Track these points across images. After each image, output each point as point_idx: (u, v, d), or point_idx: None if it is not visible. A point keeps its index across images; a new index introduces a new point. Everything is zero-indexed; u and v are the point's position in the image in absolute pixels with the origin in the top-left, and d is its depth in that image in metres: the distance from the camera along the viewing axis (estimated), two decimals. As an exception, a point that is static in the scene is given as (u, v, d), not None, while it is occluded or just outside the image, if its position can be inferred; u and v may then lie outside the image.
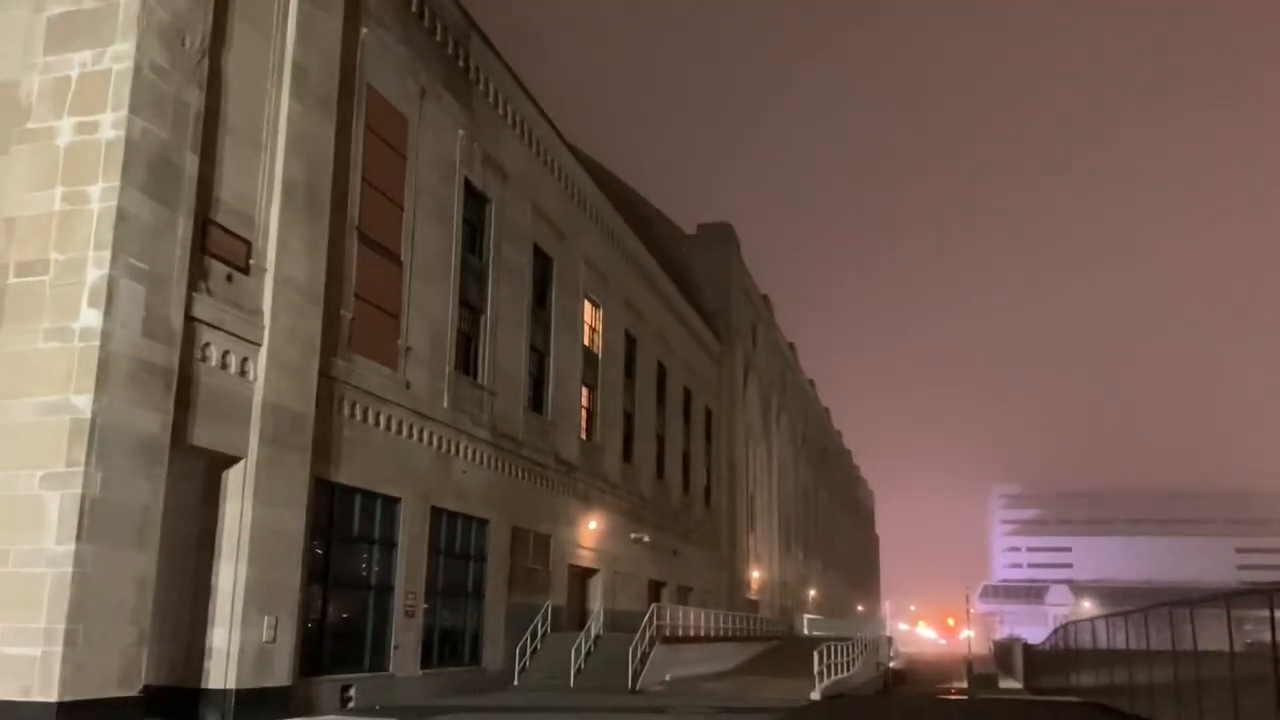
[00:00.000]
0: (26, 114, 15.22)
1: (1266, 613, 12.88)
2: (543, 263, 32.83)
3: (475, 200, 27.88)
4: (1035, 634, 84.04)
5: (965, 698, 38.23)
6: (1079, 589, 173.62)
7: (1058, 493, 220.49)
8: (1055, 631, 45.79)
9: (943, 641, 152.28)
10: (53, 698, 13.11)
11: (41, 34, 15.41)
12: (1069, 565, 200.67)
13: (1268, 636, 12.90)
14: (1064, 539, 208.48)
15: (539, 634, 29.44)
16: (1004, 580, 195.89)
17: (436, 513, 24.63)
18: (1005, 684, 53.52)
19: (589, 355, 37.20)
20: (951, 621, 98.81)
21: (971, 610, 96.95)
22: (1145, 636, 21.32)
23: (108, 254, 14.33)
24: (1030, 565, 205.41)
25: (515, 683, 27.86)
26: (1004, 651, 69.84)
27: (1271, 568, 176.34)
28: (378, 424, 22.12)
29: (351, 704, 20.51)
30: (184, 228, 15.66)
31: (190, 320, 15.89)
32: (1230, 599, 15.43)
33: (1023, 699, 38.08)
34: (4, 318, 14.57)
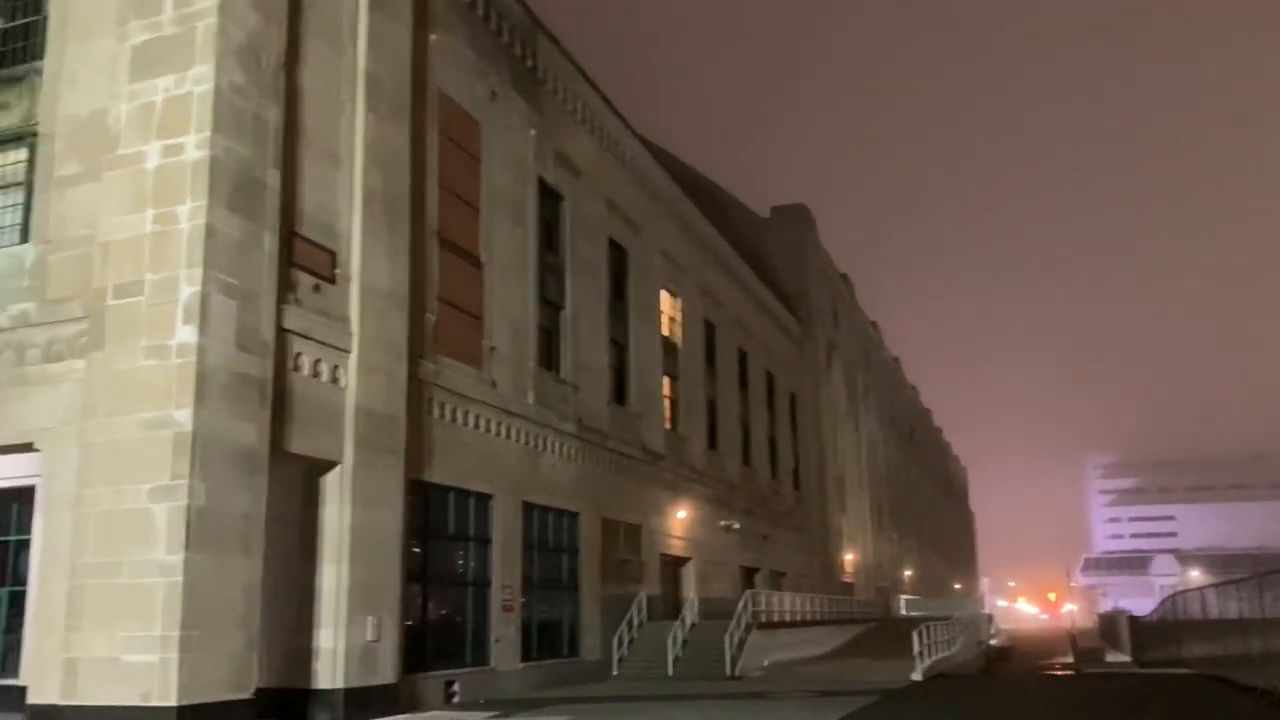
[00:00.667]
0: (116, 141, 15.74)
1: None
2: (619, 255, 32.95)
3: (549, 198, 28.10)
4: (1141, 606, 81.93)
5: (1072, 673, 37.49)
6: (1185, 558, 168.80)
7: (1157, 460, 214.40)
8: (1162, 602, 44.61)
9: (1044, 617, 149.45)
10: (172, 702, 13.59)
11: (126, 63, 15.92)
12: (1173, 534, 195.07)
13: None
14: (1167, 507, 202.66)
15: (635, 624, 29.63)
16: (1105, 552, 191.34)
17: (528, 507, 24.94)
18: (1112, 657, 52.37)
19: (669, 345, 37.23)
20: (1053, 596, 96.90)
21: (1073, 584, 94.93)
22: (1260, 604, 20.64)
23: (199, 271, 14.77)
24: (1132, 536, 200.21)
25: (614, 673, 28.09)
26: (1109, 625, 68.29)
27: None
28: (466, 423, 22.46)
29: (455, 699, 20.89)
30: (270, 242, 16.06)
31: (281, 331, 16.31)
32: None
33: (1133, 673, 37.23)
34: (105, 339, 15.12)
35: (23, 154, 17.52)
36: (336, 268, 18.00)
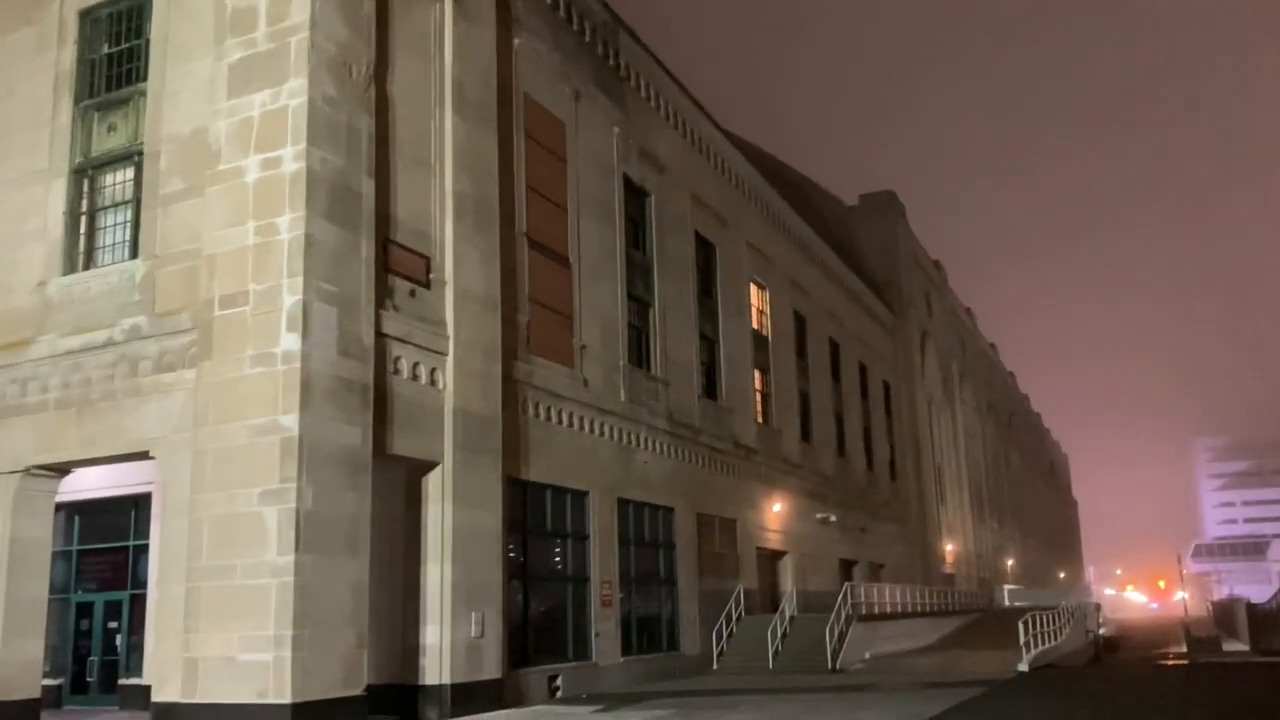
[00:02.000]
0: (217, 157, 16.25)
1: None
2: (706, 250, 32.90)
3: (635, 195, 28.19)
4: (1259, 592, 78.97)
5: (1186, 663, 36.34)
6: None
7: (1270, 441, 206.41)
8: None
9: (1154, 605, 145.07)
10: (286, 699, 14.00)
11: (224, 80, 16.43)
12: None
13: None
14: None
15: (733, 618, 29.60)
16: (1218, 538, 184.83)
17: (623, 504, 25.08)
18: (1229, 646, 50.59)
19: (759, 338, 37.06)
20: (1163, 584, 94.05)
21: (1184, 571, 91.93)
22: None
23: (300, 280, 15.18)
24: (1246, 520, 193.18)
25: (714, 666, 28.10)
26: (1224, 612, 66.03)
27: None
28: (560, 421, 22.68)
29: (559, 693, 21.14)
30: (367, 249, 16.43)
31: (380, 336, 16.67)
32: None
33: (1254, 662, 35.92)
34: (213, 348, 15.63)
35: (129, 173, 18.22)
36: (431, 272, 18.33)
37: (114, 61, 18.87)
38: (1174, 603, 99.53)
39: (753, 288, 37.01)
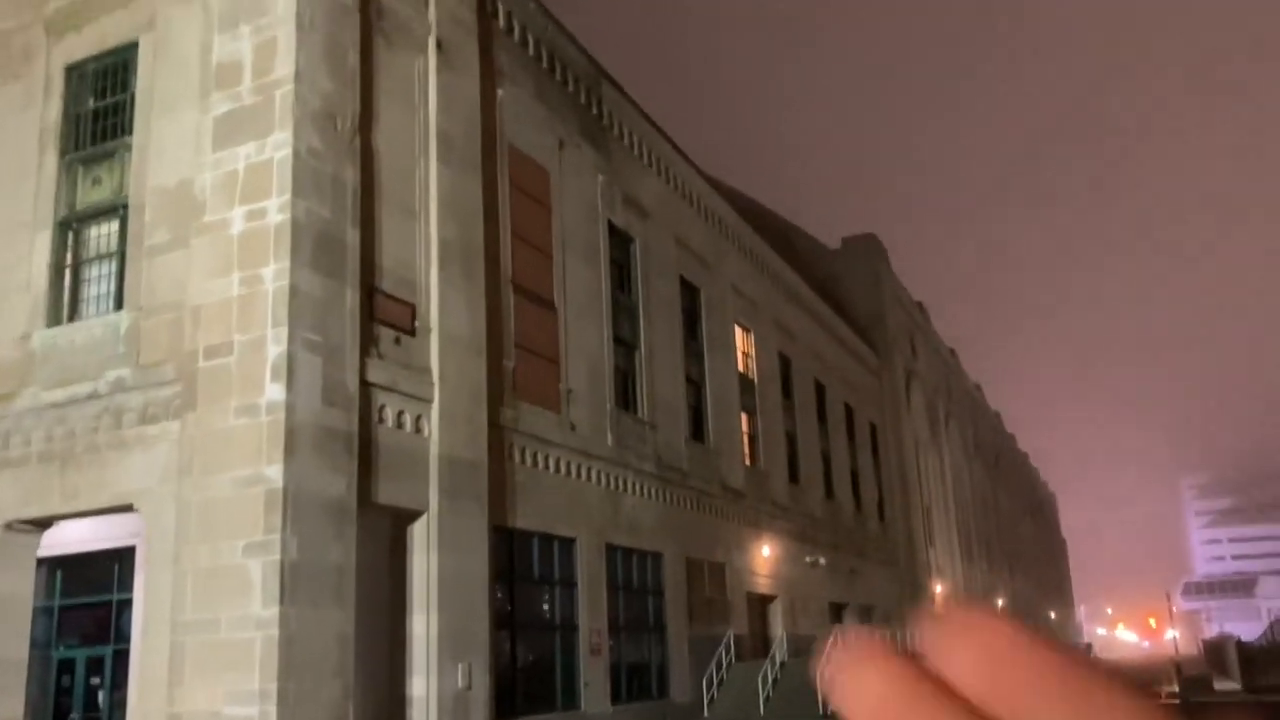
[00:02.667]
0: (202, 208, 16.33)
1: None
2: (690, 293, 33.07)
3: (620, 240, 28.37)
4: (1249, 629, 78.88)
5: (1177, 702, 36.21)
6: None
7: (1255, 476, 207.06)
8: (1272, 625, 42.97)
9: (1146, 644, 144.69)
10: (273, 754, 13.82)
11: (209, 133, 16.55)
12: (1278, 554, 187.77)
13: None
14: (1270, 526, 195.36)
15: (723, 663, 29.39)
16: (1207, 575, 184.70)
17: (611, 549, 24.98)
18: (1220, 685, 50.44)
19: (745, 380, 37.14)
20: (1153, 622, 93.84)
21: (1174, 609, 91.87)
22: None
23: (285, 330, 15.20)
24: (1234, 557, 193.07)
25: (705, 713, 27.86)
26: (1215, 651, 65.86)
27: None
28: (547, 467, 22.64)
29: (548, 744, 20.91)
30: (352, 298, 16.48)
31: (365, 385, 16.67)
32: None
33: (1245, 701, 35.81)
34: (198, 399, 15.60)
35: (114, 225, 18.27)
36: (416, 320, 18.37)
37: (100, 115, 18.99)
38: (1165, 641, 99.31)
39: (738, 330, 37.15)
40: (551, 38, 25.67)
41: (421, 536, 17.89)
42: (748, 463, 36.03)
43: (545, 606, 22.83)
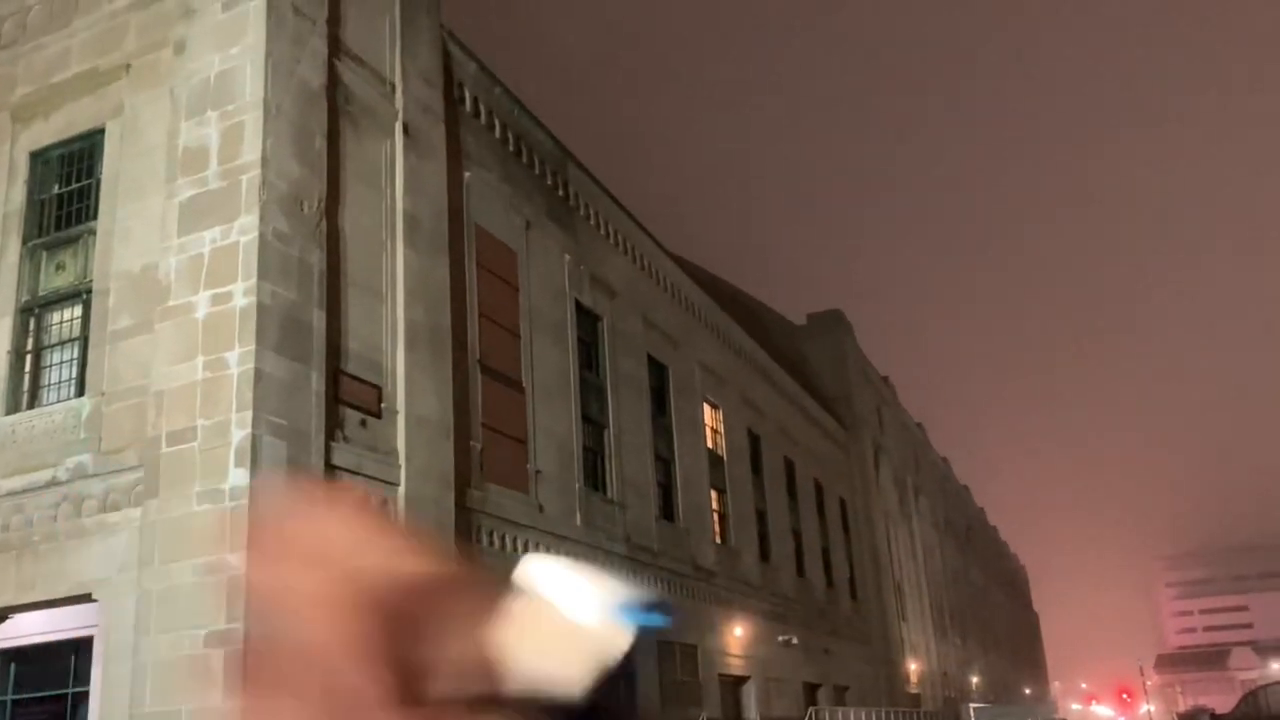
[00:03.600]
0: (167, 293, 16.26)
1: None
2: (658, 371, 33.15)
3: (587, 319, 28.49)
4: (1222, 702, 78.53)
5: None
6: (1263, 649, 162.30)
7: (1224, 548, 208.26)
8: (1245, 698, 42.86)
9: (1122, 718, 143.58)
10: None
11: (175, 218, 16.56)
12: (1249, 625, 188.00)
13: None
14: (1239, 597, 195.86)
15: (697, 748, 28.85)
16: (1179, 648, 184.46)
17: (582, 633, 24.58)
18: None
19: (714, 458, 37.09)
20: (1126, 697, 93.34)
21: (1148, 683, 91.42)
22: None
23: (249, 414, 15.05)
24: (1205, 629, 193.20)
25: (679, 801, 27.25)
26: (1190, 724, 65.48)
27: None
28: (516, 549, 22.37)
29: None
30: (317, 381, 16.38)
31: (331, 468, 16.49)
32: None
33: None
34: (160, 486, 15.35)
35: (77, 310, 18.12)
36: (383, 402, 18.27)
37: (64, 201, 18.96)
38: (1140, 715, 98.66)
39: (706, 407, 37.20)
40: (518, 121, 26.04)
41: (388, 623, 17.54)
42: (718, 541, 35.80)
43: (514, 692, 22.38)
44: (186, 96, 17.11)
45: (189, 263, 16.19)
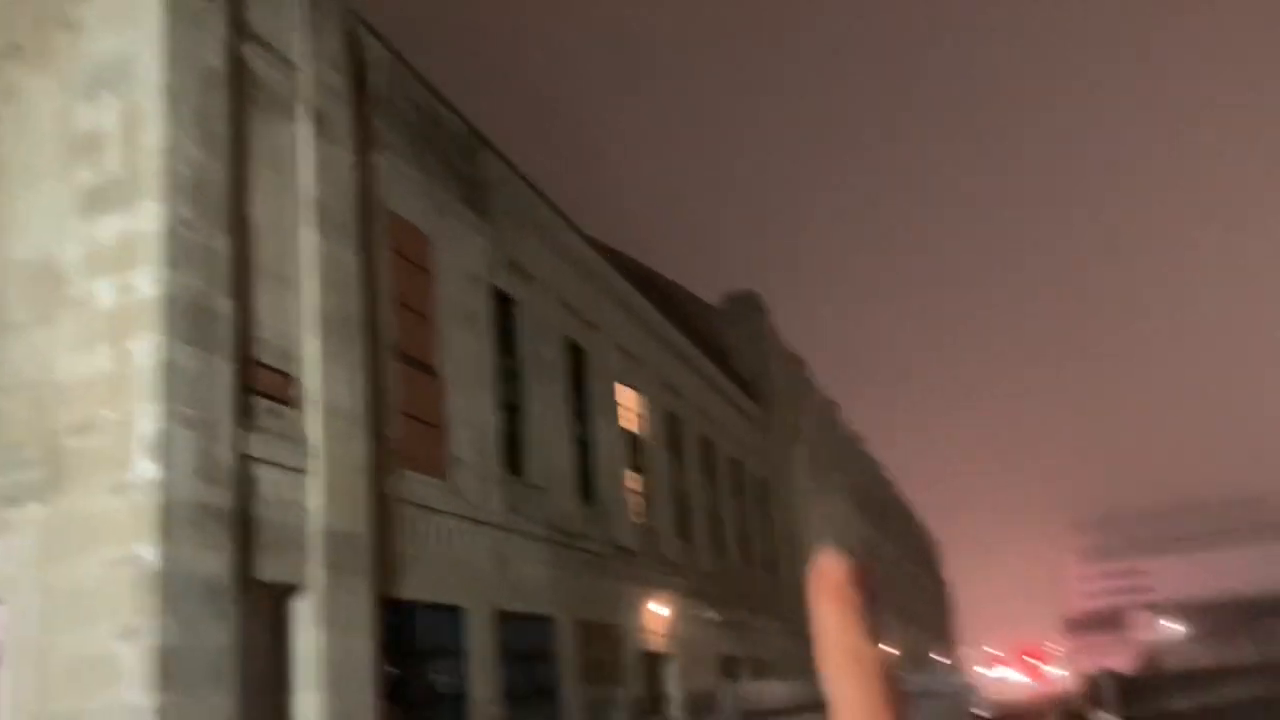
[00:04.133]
0: (67, 283, 15.82)
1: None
2: (576, 355, 33.20)
3: (504, 304, 28.38)
4: (1124, 662, 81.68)
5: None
6: (1162, 610, 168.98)
7: (1125, 514, 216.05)
8: (1145, 657, 44.65)
9: (1029, 682, 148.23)
10: None
11: (75, 205, 16.09)
12: (1149, 588, 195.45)
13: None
14: (1138, 560, 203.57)
15: (619, 727, 29.14)
16: (1083, 611, 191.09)
17: (502, 616, 24.64)
18: (1099, 718, 52.02)
19: (633, 440, 37.31)
20: (1035, 661, 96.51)
21: (1054, 647, 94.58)
22: (1238, 651, 20.84)
23: (156, 406, 14.75)
24: (1107, 593, 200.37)
25: (602, 779, 27.52)
26: (1093, 685, 67.97)
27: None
28: (433, 535, 22.31)
29: (441, 821, 20.37)
30: (227, 370, 16.11)
31: (243, 459, 16.25)
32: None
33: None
34: (64, 480, 14.98)
35: (-28, 302, 17.52)
36: (295, 390, 18.04)
37: (-45, 188, 18.26)
38: (1047, 678, 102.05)
39: (624, 390, 37.37)
40: (429, 104, 25.77)
41: (305, 613, 17.40)
42: (638, 522, 36.07)
43: (435, 678, 22.35)
44: (83, 80, 16.60)
45: (90, 251, 15.76)
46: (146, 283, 15.29)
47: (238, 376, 16.44)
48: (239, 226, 17.27)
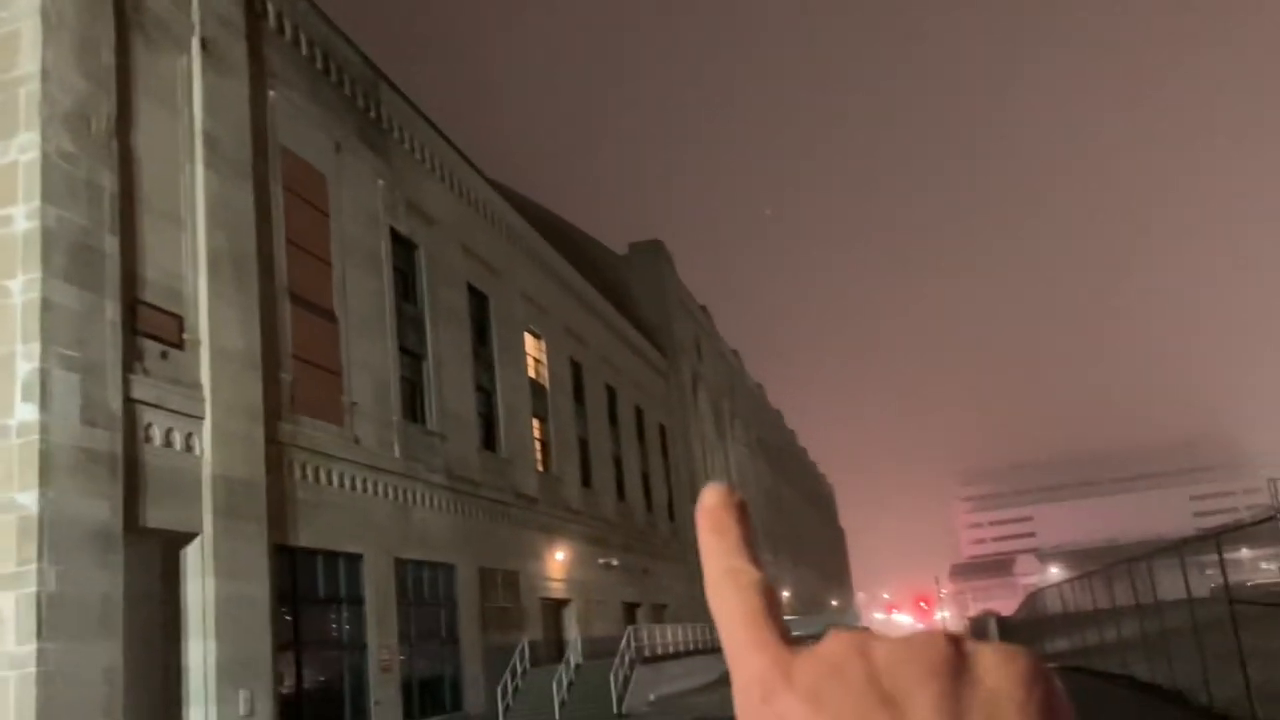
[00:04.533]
0: (-63, 215, 14.99)
1: (1224, 556, 13.30)
2: (479, 301, 32.83)
3: (404, 247, 27.85)
4: (1008, 606, 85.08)
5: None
6: (1044, 556, 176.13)
7: (1012, 464, 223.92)
8: (1025, 601, 46.50)
9: (920, 625, 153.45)
10: (31, 803, 12.85)
11: (-57, 133, 15.21)
12: (1032, 535, 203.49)
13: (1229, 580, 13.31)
14: (1024, 509, 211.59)
15: (519, 671, 29.30)
16: (971, 557, 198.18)
17: (401, 564, 24.47)
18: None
19: (536, 387, 37.19)
20: (924, 605, 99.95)
21: (943, 591, 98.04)
22: (1110, 594, 21.79)
23: (37, 346, 14.15)
24: (994, 539, 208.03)
25: (501, 723, 27.70)
26: (979, 627, 70.69)
27: (1224, 511, 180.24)
28: (331, 483, 21.96)
29: (338, 767, 20.28)
30: (112, 310, 15.51)
31: (129, 402, 15.72)
32: (1183, 547, 15.88)
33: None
34: (-64, 423, 14.31)
35: None
36: (185, 333, 17.47)
37: None
38: (936, 622, 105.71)
39: (528, 337, 37.16)
40: (326, 38, 24.95)
41: (196, 561, 17.02)
42: (540, 469, 36.07)
43: (333, 626, 22.14)
44: (-48, 0, 15.63)
45: (-39, 183, 14.94)
46: (22, 217, 14.58)
47: (123, 317, 15.84)
48: (124, 160, 16.54)
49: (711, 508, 0.55)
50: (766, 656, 0.48)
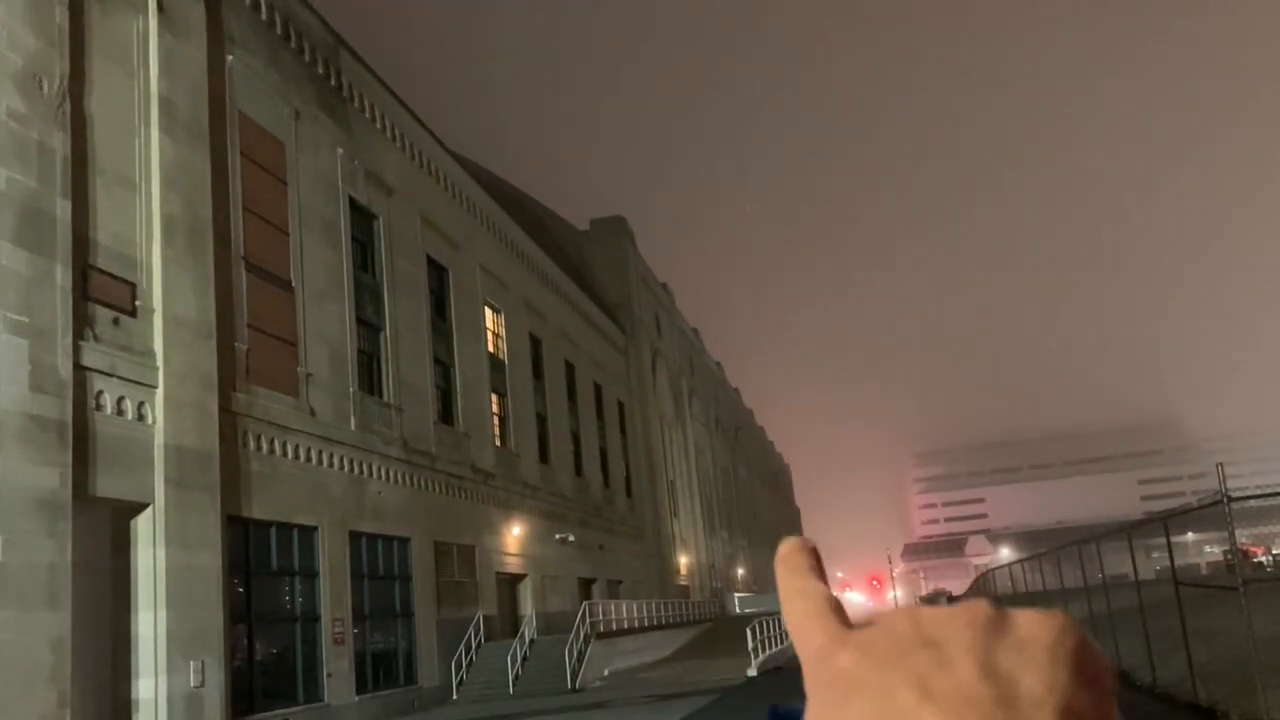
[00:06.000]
0: (-120, 174, 14.62)
1: (1171, 539, 13.55)
2: (438, 273, 32.61)
3: (362, 217, 27.56)
4: (959, 586, 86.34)
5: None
6: (995, 537, 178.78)
7: (965, 446, 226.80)
8: (976, 580, 47.19)
9: (872, 604, 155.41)
10: (-25, 773, 12.69)
11: (-112, 90, 14.82)
12: (984, 515, 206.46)
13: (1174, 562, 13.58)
14: (976, 490, 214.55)
15: (473, 645, 29.32)
16: (923, 537, 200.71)
17: (355, 537, 24.35)
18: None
19: (495, 361, 37.05)
20: (876, 584, 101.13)
21: (895, 570, 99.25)
22: (1059, 575, 22.17)
23: (-16, 311, 13.87)
24: (946, 520, 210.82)
25: (454, 697, 27.72)
26: (928, 604, 71.84)
27: (1171, 495, 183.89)
28: (285, 454, 21.78)
29: (289, 739, 20.21)
30: (63, 276, 15.23)
31: (80, 369, 15.47)
32: (1131, 530, 16.16)
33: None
34: (-121, 387, 14.00)
35: None
36: (137, 299, 17.20)
37: None
38: (888, 600, 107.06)
39: (488, 311, 36.97)
40: (285, 3, 24.55)
41: (146, 530, 16.83)
42: (498, 444, 35.99)
43: (285, 598, 22.00)
44: (-102, -48, 15.19)
45: (-94, 141, 14.58)
46: (-30, 178, 14.26)
47: (75, 283, 15.57)
48: (77, 123, 16.21)
49: (788, 553, 0.65)
50: (827, 635, 0.54)
